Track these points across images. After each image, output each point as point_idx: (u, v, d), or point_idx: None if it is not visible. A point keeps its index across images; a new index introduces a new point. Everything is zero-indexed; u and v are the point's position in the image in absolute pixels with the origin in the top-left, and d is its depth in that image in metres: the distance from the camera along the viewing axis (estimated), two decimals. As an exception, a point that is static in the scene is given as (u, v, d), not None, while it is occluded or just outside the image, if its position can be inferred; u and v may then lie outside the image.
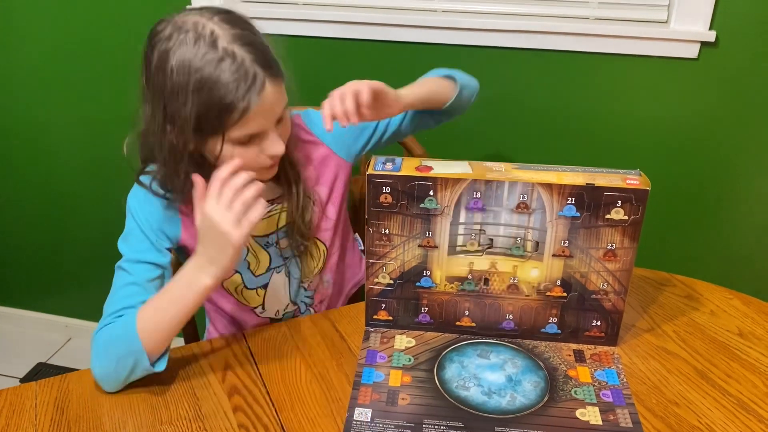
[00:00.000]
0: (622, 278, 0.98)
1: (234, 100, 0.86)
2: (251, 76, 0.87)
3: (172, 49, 0.86)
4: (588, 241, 0.95)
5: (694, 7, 1.38)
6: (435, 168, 0.95)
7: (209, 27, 0.87)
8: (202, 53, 0.85)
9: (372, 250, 1.00)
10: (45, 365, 2.09)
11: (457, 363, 0.98)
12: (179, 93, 0.87)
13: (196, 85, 0.86)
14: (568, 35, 1.45)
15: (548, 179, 0.92)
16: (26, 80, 1.84)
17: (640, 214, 0.92)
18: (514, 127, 1.58)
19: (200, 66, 0.85)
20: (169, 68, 0.86)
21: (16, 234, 2.11)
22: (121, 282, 0.98)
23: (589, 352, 1.01)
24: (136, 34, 0.93)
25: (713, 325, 1.08)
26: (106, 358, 0.91)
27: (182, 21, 0.88)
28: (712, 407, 0.91)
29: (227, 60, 0.86)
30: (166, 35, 0.88)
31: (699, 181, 1.53)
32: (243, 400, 0.91)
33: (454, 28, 1.50)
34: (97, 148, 1.88)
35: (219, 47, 0.86)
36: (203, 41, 0.86)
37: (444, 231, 0.97)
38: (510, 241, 0.96)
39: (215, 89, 0.86)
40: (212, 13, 0.89)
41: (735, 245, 1.58)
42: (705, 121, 1.47)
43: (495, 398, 0.91)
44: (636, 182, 0.92)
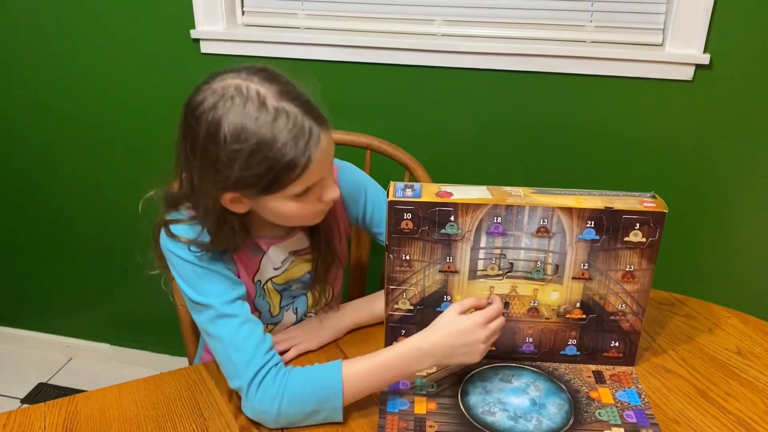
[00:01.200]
0: (639, 299, 1.00)
1: (295, 157, 0.85)
2: (307, 130, 0.86)
3: (222, 117, 0.84)
4: (607, 264, 0.97)
5: (688, 31, 1.41)
6: (455, 194, 0.96)
7: (253, 88, 0.85)
8: (254, 116, 0.84)
9: (392, 276, 1.00)
10: (46, 385, 2.09)
11: (480, 388, 0.99)
12: (236, 159, 0.84)
13: (254, 148, 0.84)
14: (565, 58, 1.48)
15: (567, 203, 0.94)
16: (31, 98, 1.86)
17: (658, 236, 0.95)
18: (513, 148, 1.60)
19: (256, 129, 0.83)
20: (222, 137, 0.84)
21: (16, 254, 2.12)
22: (233, 327, 0.93)
23: (608, 372, 1.03)
24: (136, 57, 0.94)
25: (712, 343, 1.10)
26: (297, 406, 0.89)
27: (222, 87, 0.86)
28: (712, 425, 0.92)
29: (281, 118, 0.84)
30: (210, 104, 0.85)
31: (695, 201, 1.55)
32: (250, 420, 0.92)
33: (453, 51, 1.53)
34: (98, 168, 1.90)
35: (269, 107, 0.84)
36: (252, 103, 0.84)
37: (465, 256, 0.98)
38: (530, 265, 0.98)
39: (275, 149, 0.84)
40: (250, 74, 0.87)
41: (733, 264, 1.60)
42: (700, 142, 1.50)
43: (522, 422, 0.92)
44: (652, 205, 0.94)
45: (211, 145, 0.85)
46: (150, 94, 1.76)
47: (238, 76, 0.87)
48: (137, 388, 0.99)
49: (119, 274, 2.05)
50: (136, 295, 2.07)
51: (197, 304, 0.94)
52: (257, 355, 0.91)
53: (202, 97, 0.86)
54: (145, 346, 2.16)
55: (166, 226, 0.95)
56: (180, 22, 1.64)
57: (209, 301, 0.93)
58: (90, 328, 2.19)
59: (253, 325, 0.94)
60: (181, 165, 0.93)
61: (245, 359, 0.91)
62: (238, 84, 0.85)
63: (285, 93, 0.86)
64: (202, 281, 0.94)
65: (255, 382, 0.90)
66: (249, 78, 0.86)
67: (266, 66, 0.90)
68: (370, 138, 1.43)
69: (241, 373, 0.90)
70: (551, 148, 1.58)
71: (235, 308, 0.94)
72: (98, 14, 1.69)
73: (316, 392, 0.90)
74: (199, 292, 0.94)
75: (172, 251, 0.95)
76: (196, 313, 0.96)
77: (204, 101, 0.86)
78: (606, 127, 1.53)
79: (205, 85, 0.88)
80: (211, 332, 0.94)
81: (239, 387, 0.91)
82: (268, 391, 0.89)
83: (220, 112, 0.84)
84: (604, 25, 1.50)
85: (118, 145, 1.85)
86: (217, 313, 0.93)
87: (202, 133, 0.85)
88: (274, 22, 1.66)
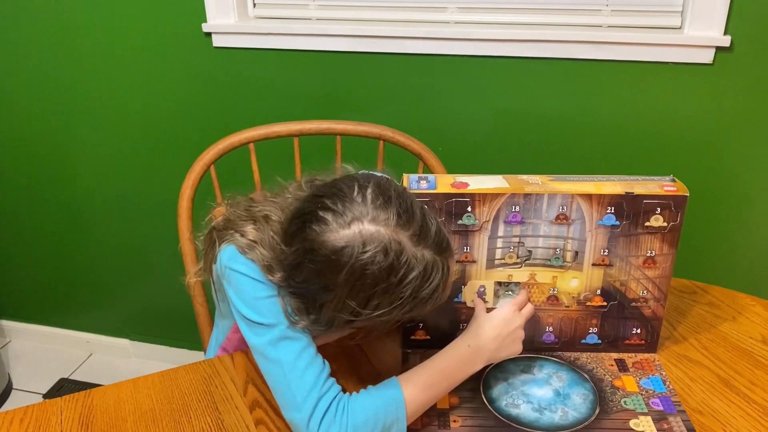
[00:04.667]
0: (661, 285, 0.98)
1: (442, 296, 0.84)
2: (443, 270, 0.82)
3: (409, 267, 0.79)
4: (627, 249, 0.96)
5: (708, 13, 1.37)
6: (471, 184, 0.95)
7: (409, 250, 0.79)
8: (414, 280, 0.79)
9: None
10: (67, 381, 2.11)
11: (502, 380, 0.98)
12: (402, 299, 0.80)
13: (421, 298, 0.81)
14: (581, 44, 1.45)
15: (587, 190, 0.93)
16: (45, 95, 1.87)
17: (679, 221, 0.94)
18: (528, 136, 1.58)
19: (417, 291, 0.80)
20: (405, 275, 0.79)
21: (37, 251, 2.14)
22: (296, 351, 0.86)
23: (630, 360, 1.02)
24: (148, 52, 0.93)
25: (736, 332, 1.07)
26: None
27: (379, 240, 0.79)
28: (737, 415, 0.90)
29: (436, 271, 0.81)
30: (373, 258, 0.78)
31: (717, 187, 1.52)
32: (265, 413, 0.92)
33: (467, 39, 1.51)
34: (115, 164, 1.91)
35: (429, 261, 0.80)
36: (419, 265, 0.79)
37: (482, 245, 0.97)
38: (549, 252, 0.97)
39: (434, 297, 0.82)
40: (395, 224, 0.80)
41: (756, 251, 1.56)
42: (721, 126, 1.46)
43: (547, 414, 0.91)
44: (673, 189, 0.93)
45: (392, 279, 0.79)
46: (164, 88, 1.76)
47: (376, 223, 0.79)
48: (152, 382, 0.99)
49: (138, 270, 2.06)
50: (155, 290, 2.08)
51: (257, 324, 0.87)
52: (317, 384, 0.85)
53: (359, 249, 0.78)
54: (165, 341, 2.17)
55: (238, 243, 0.90)
56: (192, 15, 1.64)
57: (273, 321, 0.87)
58: (110, 323, 2.21)
59: (314, 352, 0.88)
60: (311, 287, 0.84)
61: (306, 389, 0.84)
62: (393, 238, 0.79)
63: (418, 237, 0.80)
64: (267, 302, 0.88)
65: (316, 416, 0.83)
66: (386, 227, 0.79)
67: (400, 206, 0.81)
68: (383, 128, 1.41)
69: (300, 404, 0.84)
70: (568, 136, 1.55)
71: (298, 332, 0.87)
72: (110, 9, 1.70)
73: (380, 420, 0.84)
74: (263, 314, 0.87)
75: (236, 269, 0.89)
76: (254, 333, 0.88)
77: (362, 253, 0.78)
78: (624, 114, 1.50)
79: (345, 230, 0.79)
80: (270, 356, 0.86)
81: (298, 420, 0.84)
82: (333, 427, 0.83)
83: (376, 269, 0.78)
84: (621, 8, 1.47)
85: (134, 141, 1.86)
86: (281, 334, 0.86)
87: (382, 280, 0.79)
88: (286, 14, 1.65)
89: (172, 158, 1.84)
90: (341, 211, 0.80)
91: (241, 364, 1.02)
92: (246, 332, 0.89)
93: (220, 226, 0.94)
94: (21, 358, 2.23)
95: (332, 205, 0.80)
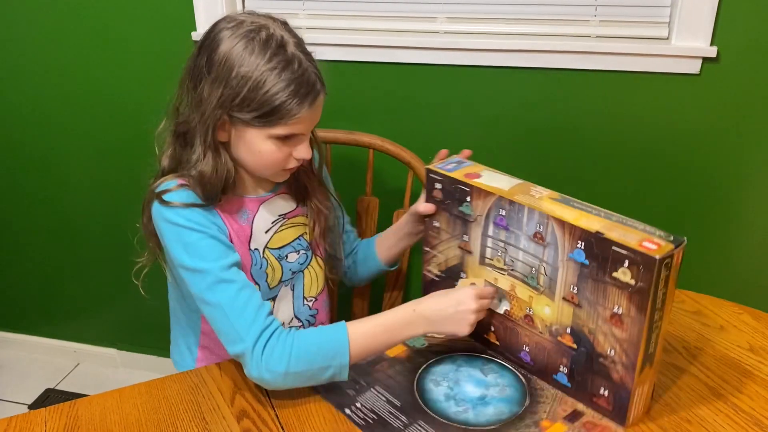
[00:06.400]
0: (629, 351, 0.85)
1: (294, 102, 0.94)
2: (311, 84, 0.95)
3: (245, 44, 0.92)
4: (595, 295, 0.86)
5: (695, 24, 1.39)
6: (482, 177, 0.97)
7: (278, 32, 0.95)
8: (273, 53, 0.92)
9: (427, 239, 1.08)
10: (53, 391, 2.09)
11: (454, 365, 1.01)
12: (246, 83, 0.92)
13: (264, 79, 0.92)
14: (569, 54, 1.46)
15: (564, 216, 0.86)
16: (35, 102, 1.86)
17: (647, 284, 0.79)
18: (517, 145, 1.58)
19: (271, 65, 0.92)
20: (240, 59, 0.92)
21: (24, 259, 2.12)
22: (232, 292, 0.94)
23: (585, 419, 0.90)
24: (138, 60, 0.94)
25: (723, 340, 1.08)
26: (306, 363, 0.91)
27: (252, 21, 0.95)
28: (725, 424, 0.90)
29: (294, 64, 0.93)
30: (236, 30, 0.94)
31: (704, 197, 1.53)
32: (252, 423, 0.91)
33: (456, 48, 1.51)
34: (102, 172, 1.90)
35: (288, 52, 0.94)
36: (274, 43, 0.93)
37: (477, 239, 0.99)
38: (527, 269, 0.94)
39: (279, 88, 0.92)
40: (276, 21, 0.98)
41: (742, 260, 1.57)
42: (709, 136, 1.47)
43: (452, 404, 0.93)
44: (653, 246, 0.79)
45: (227, 63, 0.93)
46: (153, 97, 1.75)
47: (267, 18, 0.97)
48: (139, 392, 0.98)
49: (125, 278, 2.03)
50: (142, 299, 2.04)
51: (194, 271, 0.96)
52: (258, 318, 0.93)
53: (230, 23, 0.95)
54: (153, 351, 2.15)
55: (158, 196, 0.99)
56: (181, 24, 1.64)
57: (206, 266, 0.95)
58: (97, 333, 2.19)
59: (251, 291, 0.96)
60: (188, 85, 1.00)
61: (247, 323, 0.92)
62: (267, 24, 0.95)
63: (301, 46, 0.97)
64: (198, 245, 0.96)
65: (260, 342, 0.91)
66: (275, 22, 0.97)
67: (285, 20, 1.00)
68: (373, 137, 1.41)
69: (243, 336, 0.91)
70: (556, 146, 1.56)
71: (232, 274, 0.95)
72: (99, 17, 1.69)
73: (324, 349, 0.92)
74: (195, 257, 0.96)
75: (166, 219, 0.98)
76: (192, 282, 0.97)
77: (232, 27, 0.95)
78: (612, 124, 1.51)
79: (237, 16, 0.97)
80: (209, 299, 0.95)
81: (242, 351, 0.91)
82: (275, 350, 0.91)
83: (244, 39, 0.93)
84: (609, 19, 1.48)
85: (121, 149, 1.85)
86: (214, 278, 0.94)
87: (222, 51, 0.93)
88: (276, 23, 1.65)
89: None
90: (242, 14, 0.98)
91: (229, 374, 1.01)
92: (188, 284, 0.97)
93: (146, 196, 1.05)
94: (6, 368, 2.20)
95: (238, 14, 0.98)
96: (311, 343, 0.92)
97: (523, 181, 0.97)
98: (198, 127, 0.97)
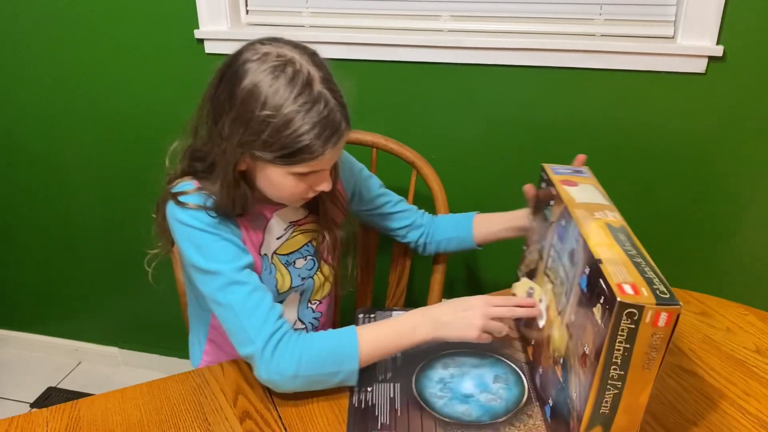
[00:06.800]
0: (581, 399, 0.75)
1: (318, 144, 0.90)
2: (336, 125, 0.91)
3: (269, 81, 0.87)
4: (581, 329, 0.76)
5: (700, 22, 1.38)
6: (575, 187, 0.94)
7: (305, 67, 0.89)
8: (298, 92, 0.88)
9: (526, 238, 1.08)
10: (55, 389, 2.09)
11: (472, 367, 1.00)
12: (269, 125, 0.88)
13: (287, 121, 0.88)
14: (574, 52, 1.45)
15: (590, 237, 0.78)
16: (36, 101, 1.85)
17: (604, 328, 0.69)
18: (521, 144, 1.57)
19: (296, 106, 0.87)
20: (263, 99, 0.87)
21: (25, 258, 2.12)
22: (243, 294, 0.94)
23: None
24: (140, 58, 0.93)
25: (729, 342, 1.07)
26: (315, 367, 0.91)
27: (277, 53, 0.90)
28: (731, 426, 0.89)
29: (320, 104, 0.89)
30: (261, 65, 0.89)
31: (710, 197, 1.52)
32: (255, 424, 0.90)
33: (460, 47, 1.50)
34: (104, 170, 1.89)
35: (314, 90, 0.89)
36: (300, 81, 0.88)
37: (548, 246, 0.95)
38: (561, 287, 0.86)
39: (304, 130, 0.88)
40: (303, 52, 0.92)
41: (749, 260, 1.56)
42: (714, 136, 1.46)
43: (438, 389, 0.94)
44: (629, 291, 0.68)
45: (251, 101, 0.88)
46: (155, 95, 1.75)
47: (294, 49, 0.91)
48: (141, 392, 0.97)
49: (127, 277, 2.04)
50: (144, 298, 2.06)
51: (206, 273, 0.95)
52: (269, 321, 0.92)
53: (254, 55, 0.90)
54: (154, 350, 2.15)
55: (174, 197, 0.97)
56: (184, 22, 1.63)
57: (219, 268, 0.94)
58: (99, 331, 2.19)
59: (262, 293, 0.95)
60: (208, 114, 0.95)
61: (257, 324, 0.92)
62: (293, 57, 0.89)
63: (328, 82, 0.91)
64: (211, 247, 0.95)
65: (270, 344, 0.91)
66: (302, 55, 0.91)
67: (315, 50, 0.95)
68: (376, 136, 1.41)
69: (254, 338, 0.91)
70: (560, 145, 1.55)
71: (244, 276, 0.95)
72: (102, 15, 1.68)
73: (334, 354, 0.92)
74: (209, 259, 0.95)
75: (181, 220, 0.96)
76: (204, 282, 0.96)
77: (257, 60, 0.89)
78: (617, 123, 1.50)
79: (260, 45, 0.91)
80: (220, 300, 0.94)
81: (252, 352, 0.91)
82: (285, 353, 0.91)
83: (270, 75, 0.88)
84: (614, 18, 1.47)
85: (124, 147, 1.84)
86: (227, 280, 0.94)
87: (246, 87, 0.88)
88: (279, 21, 1.65)
89: (163, 164, 1.82)
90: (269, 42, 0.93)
91: (232, 375, 1.01)
92: (200, 284, 0.97)
93: (161, 196, 1.02)
94: (8, 367, 2.20)
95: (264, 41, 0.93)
96: (321, 347, 0.92)
97: (609, 202, 0.90)
98: (217, 160, 0.95)
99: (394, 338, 0.95)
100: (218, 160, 0.94)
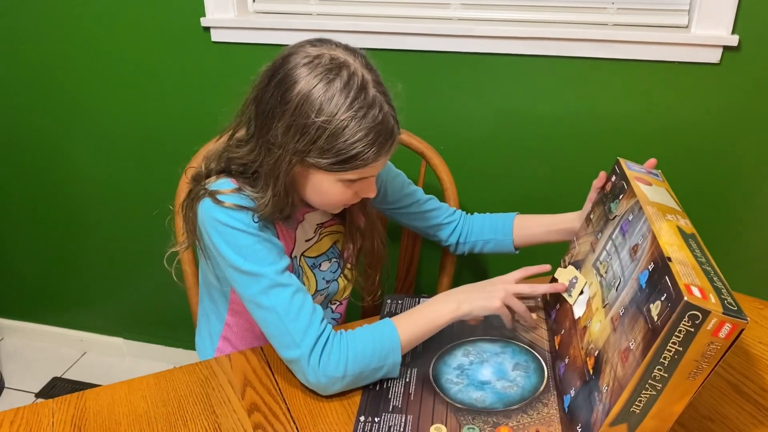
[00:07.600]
0: (615, 393, 0.73)
1: (371, 151, 0.88)
2: (390, 131, 0.90)
3: (324, 86, 0.85)
4: (629, 325, 0.75)
5: (715, 12, 1.35)
6: (651, 186, 0.93)
7: (360, 70, 0.87)
8: (354, 97, 0.86)
9: (578, 231, 1.07)
10: (60, 380, 2.08)
11: (493, 354, 1.00)
12: (325, 131, 0.86)
13: (343, 127, 0.86)
14: (586, 42, 1.43)
15: (661, 236, 0.75)
16: (43, 91, 1.84)
17: (662, 324, 0.67)
18: (531, 134, 1.55)
19: (351, 112, 0.85)
20: (318, 105, 0.85)
21: (30, 248, 2.11)
22: (287, 296, 0.92)
23: None
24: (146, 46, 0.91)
25: (745, 336, 1.05)
26: (362, 365, 0.90)
27: (331, 56, 0.87)
28: (747, 422, 0.88)
29: (375, 109, 0.87)
30: (314, 69, 0.86)
31: (723, 189, 1.50)
32: (263, 417, 0.89)
33: (470, 36, 1.48)
34: (110, 161, 1.88)
35: (370, 94, 0.87)
36: (355, 84, 0.86)
37: (604, 239, 0.93)
38: (612, 281, 0.84)
39: (359, 137, 0.87)
40: (356, 55, 0.90)
41: (764, 254, 1.54)
42: (728, 127, 1.44)
43: (461, 386, 0.93)
44: (697, 294, 0.66)
45: (305, 107, 0.85)
46: (161, 84, 1.73)
47: (345, 51, 0.89)
48: (147, 384, 0.96)
49: (132, 268, 2.03)
50: (149, 289, 2.05)
51: (248, 275, 0.92)
52: (314, 324, 0.91)
53: (305, 58, 0.87)
54: (159, 340, 2.14)
55: (212, 195, 0.93)
56: (190, 10, 1.61)
57: (261, 270, 0.91)
58: (104, 322, 2.18)
59: (304, 295, 0.93)
60: (253, 118, 0.92)
61: (302, 328, 0.90)
62: (347, 60, 0.87)
63: (380, 85, 0.90)
64: (253, 249, 0.92)
65: (317, 349, 0.89)
66: (355, 58, 0.88)
67: (365, 52, 0.92)
68: (385, 126, 1.39)
69: (299, 342, 0.89)
70: (571, 136, 1.53)
71: (286, 278, 0.93)
72: (107, 3, 1.66)
73: (378, 349, 0.91)
74: (251, 261, 0.91)
75: (220, 220, 0.92)
76: (244, 284, 0.93)
77: (308, 63, 0.86)
78: (630, 113, 1.48)
79: (311, 47, 0.89)
80: (263, 303, 0.91)
81: (298, 356, 0.90)
82: (333, 356, 0.89)
83: (324, 80, 0.85)
84: (627, 6, 1.45)
85: (130, 137, 1.83)
86: (270, 282, 0.91)
87: (300, 92, 0.85)
88: (286, 9, 1.63)
89: (168, 154, 1.81)
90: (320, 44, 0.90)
91: (239, 366, 1.00)
92: (239, 286, 0.93)
93: (192, 187, 0.98)
94: (13, 357, 2.19)
95: (315, 43, 0.91)
96: (365, 344, 0.91)
97: (680, 208, 0.89)
98: (265, 168, 0.92)
99: (427, 323, 0.96)
100: (268, 167, 0.91)
